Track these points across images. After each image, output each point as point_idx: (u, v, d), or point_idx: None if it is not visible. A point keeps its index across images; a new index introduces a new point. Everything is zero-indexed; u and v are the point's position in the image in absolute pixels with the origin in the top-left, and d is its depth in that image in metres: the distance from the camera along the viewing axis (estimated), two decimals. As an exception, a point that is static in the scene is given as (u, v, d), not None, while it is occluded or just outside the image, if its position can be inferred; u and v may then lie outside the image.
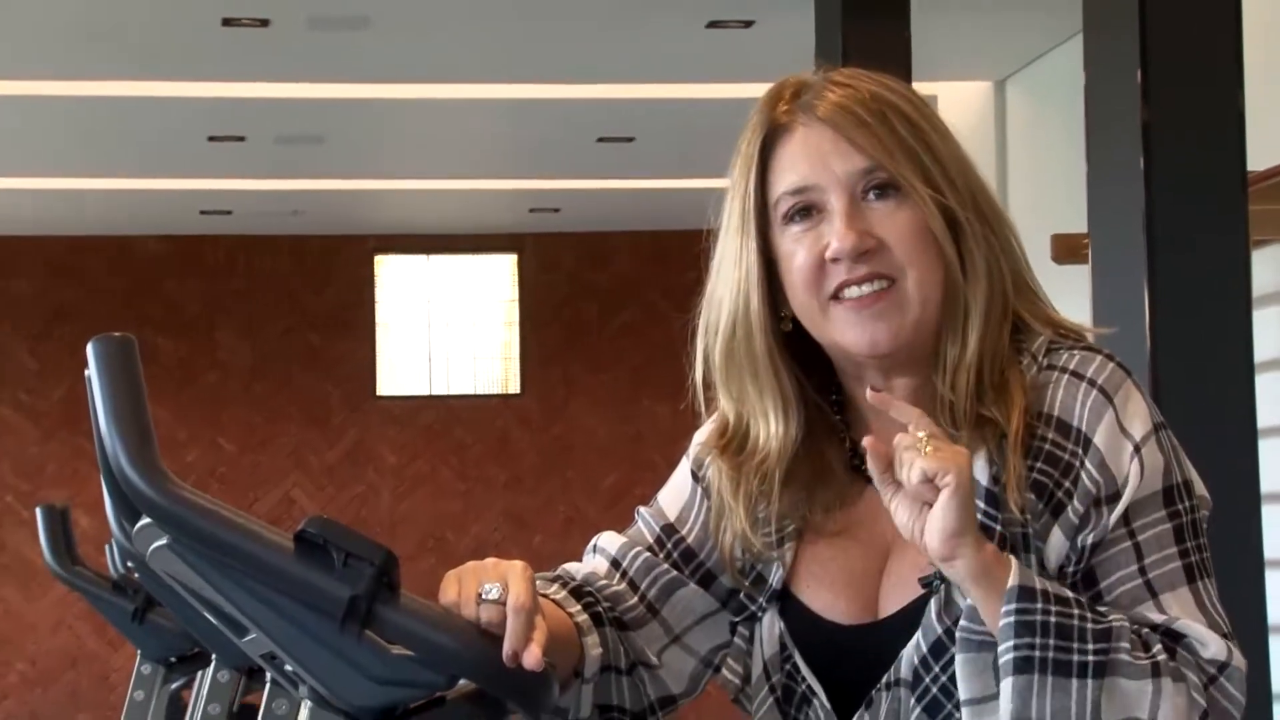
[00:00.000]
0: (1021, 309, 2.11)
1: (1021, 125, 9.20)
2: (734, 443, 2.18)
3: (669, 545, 2.25)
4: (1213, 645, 1.97)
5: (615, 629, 2.21)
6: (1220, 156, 5.41)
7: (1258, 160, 5.69)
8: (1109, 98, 5.56)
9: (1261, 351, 5.91)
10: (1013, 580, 1.89)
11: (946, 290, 2.08)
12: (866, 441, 1.93)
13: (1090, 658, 1.88)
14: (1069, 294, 2.27)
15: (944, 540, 1.87)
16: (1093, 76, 5.67)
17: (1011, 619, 1.88)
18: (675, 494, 2.28)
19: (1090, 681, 1.88)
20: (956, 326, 2.09)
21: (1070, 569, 2.01)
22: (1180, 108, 5.40)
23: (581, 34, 8.57)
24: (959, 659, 1.95)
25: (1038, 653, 1.87)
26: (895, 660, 2.05)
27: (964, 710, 1.95)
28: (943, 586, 2.02)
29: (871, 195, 2.09)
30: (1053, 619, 1.88)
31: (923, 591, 2.04)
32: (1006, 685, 1.88)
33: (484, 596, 1.95)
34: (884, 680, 2.06)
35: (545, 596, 2.12)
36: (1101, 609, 1.95)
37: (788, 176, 2.10)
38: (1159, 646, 1.93)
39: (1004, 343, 2.08)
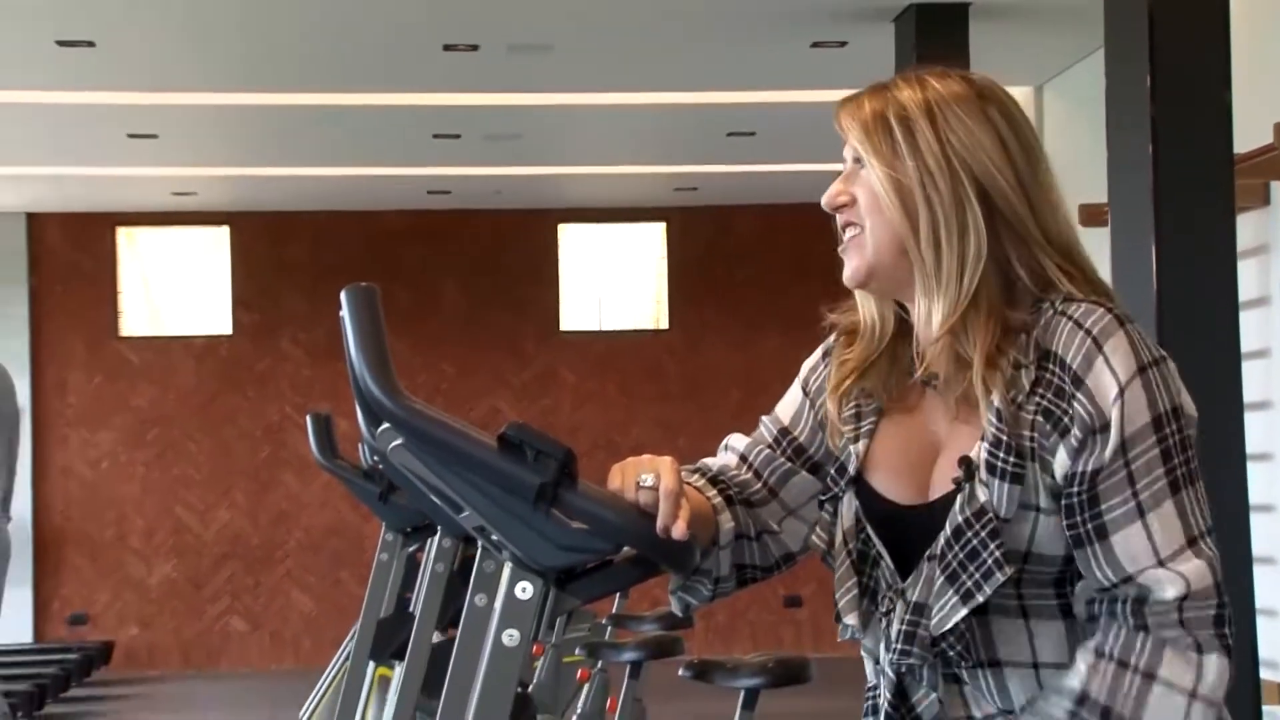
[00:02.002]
0: (1052, 265, 2.04)
1: (1056, 121, 9.10)
2: (844, 335, 2.19)
3: (784, 443, 2.24)
4: (1169, 586, 1.93)
5: (744, 507, 2.20)
6: (1212, 142, 5.37)
7: (1241, 145, 5.64)
8: (1125, 98, 5.50)
9: (1245, 293, 5.90)
10: None
11: (903, 245, 2.06)
12: None
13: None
14: (1092, 251, 2.21)
15: None
16: (1112, 82, 5.62)
17: None
18: (789, 405, 2.26)
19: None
20: (925, 273, 2.05)
21: (1074, 490, 1.97)
22: (1181, 105, 5.35)
23: (714, 53, 8.52)
24: None
25: None
26: (936, 537, 2.03)
27: None
28: (967, 485, 2.00)
29: (859, 165, 2.09)
30: None
31: None
32: None
33: (641, 484, 1.96)
34: (927, 553, 2.03)
35: (689, 484, 2.11)
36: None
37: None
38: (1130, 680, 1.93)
39: (985, 289, 2.03)
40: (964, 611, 1.99)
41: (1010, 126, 2.07)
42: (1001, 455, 1.99)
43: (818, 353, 2.25)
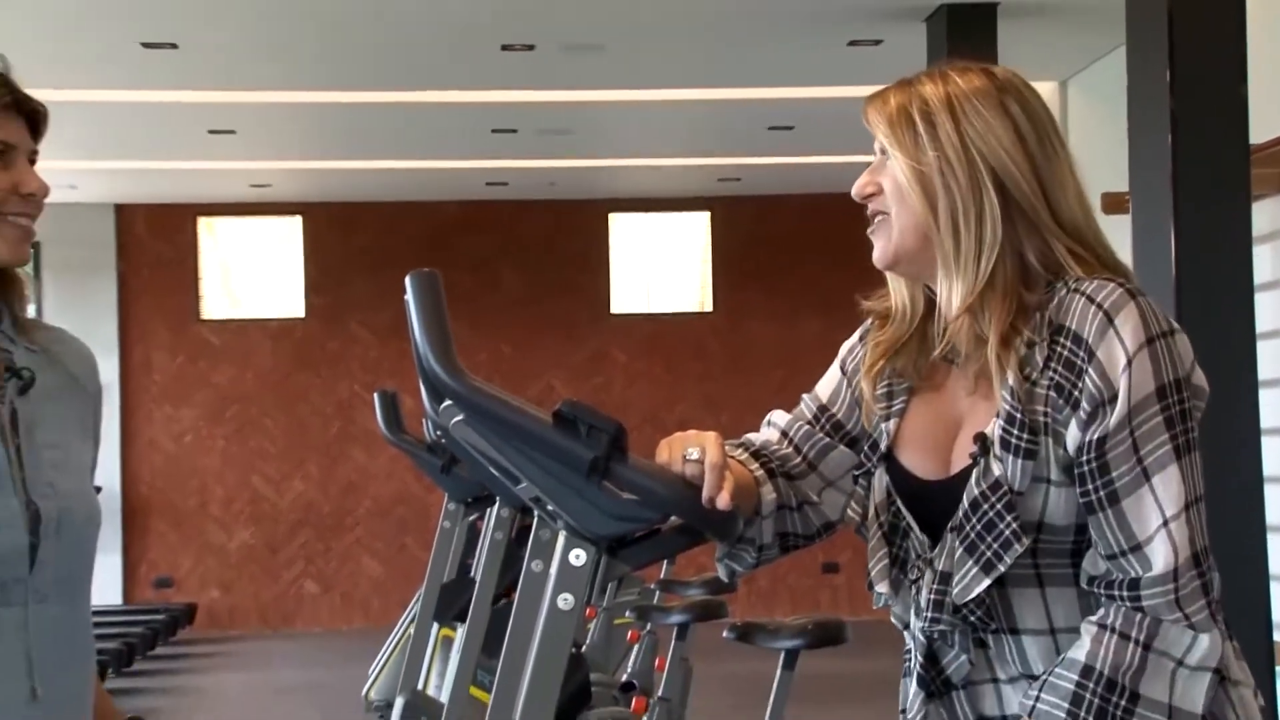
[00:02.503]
0: (1061, 249, 2.03)
1: (1080, 114, 9.02)
2: (878, 319, 2.19)
3: (823, 420, 2.23)
4: (1159, 561, 1.92)
5: (785, 479, 2.20)
6: (1228, 134, 5.33)
7: (1257, 136, 5.59)
8: (1146, 92, 5.46)
9: (1260, 277, 5.85)
10: None
11: (926, 231, 2.06)
12: None
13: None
14: (1113, 238, 2.19)
15: None
16: (1133, 77, 5.57)
17: None
18: (828, 384, 2.26)
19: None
20: (945, 257, 2.05)
21: (1085, 459, 1.95)
22: (1198, 99, 5.31)
23: (755, 52, 8.49)
24: None
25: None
26: (957, 509, 2.02)
27: None
28: (982, 460, 2.00)
29: (886, 156, 2.09)
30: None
31: None
32: None
33: (688, 457, 1.95)
34: (949, 524, 2.03)
35: (732, 458, 2.11)
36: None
37: None
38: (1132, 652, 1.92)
39: (1001, 271, 2.02)
40: (986, 582, 1.99)
41: (1028, 117, 2.06)
42: (1015, 431, 1.98)
43: (855, 335, 2.25)
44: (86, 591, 1.97)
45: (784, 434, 2.24)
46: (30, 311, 2.05)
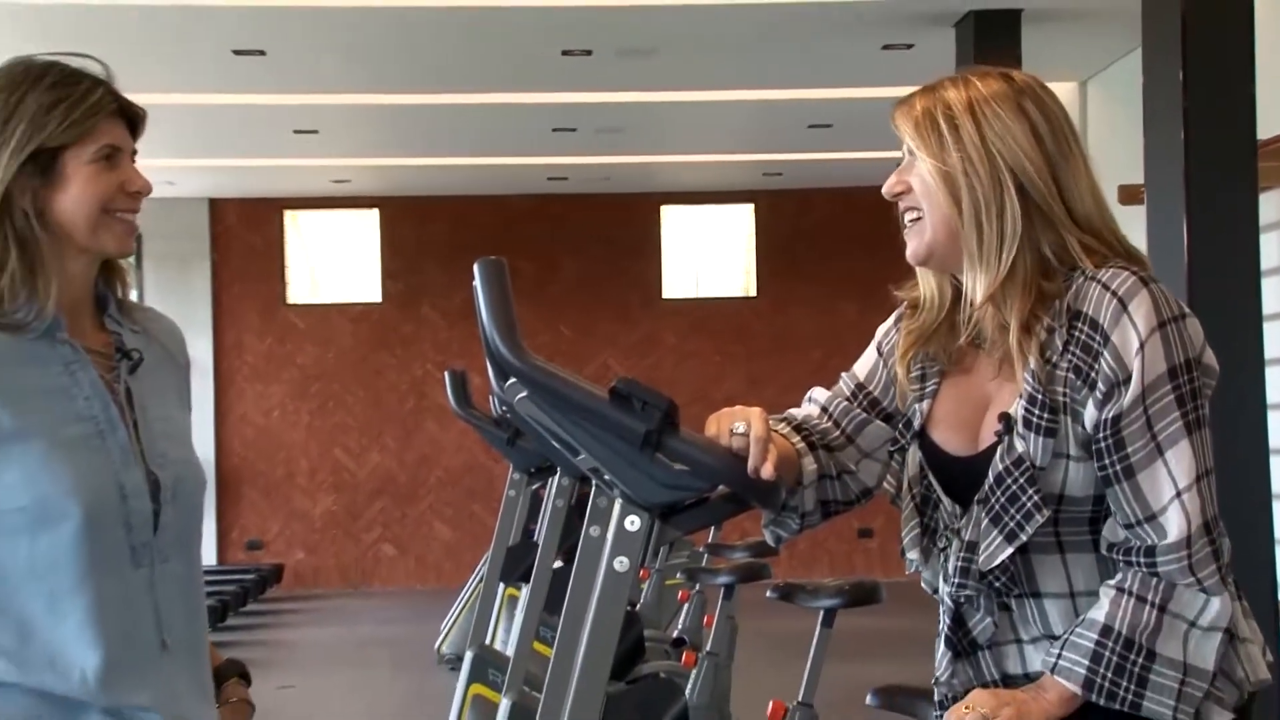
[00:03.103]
0: (1074, 242, 2.02)
1: (1098, 112, 8.94)
2: (910, 306, 2.18)
3: (860, 396, 2.23)
4: (1173, 530, 1.91)
5: (825, 451, 2.20)
6: (1237, 130, 5.30)
7: (1264, 131, 5.56)
8: (1160, 91, 5.42)
9: (1266, 263, 5.82)
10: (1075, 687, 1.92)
11: (953, 226, 2.04)
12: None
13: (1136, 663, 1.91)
14: (1129, 227, 2.17)
15: None
16: (1149, 77, 5.53)
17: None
18: (865, 363, 2.25)
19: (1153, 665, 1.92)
20: (970, 250, 2.04)
21: (1102, 436, 1.95)
22: (1210, 97, 5.28)
23: (796, 56, 8.46)
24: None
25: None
26: (983, 483, 2.02)
27: None
28: (1006, 437, 1.99)
29: (914, 157, 2.07)
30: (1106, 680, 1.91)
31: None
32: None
33: (734, 431, 1.95)
34: (976, 496, 2.03)
35: (776, 431, 2.12)
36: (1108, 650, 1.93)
37: None
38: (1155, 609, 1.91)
39: (1021, 262, 2.01)
40: (1009, 550, 1.99)
41: (1044, 118, 2.04)
42: (1036, 411, 1.98)
43: (891, 319, 2.25)
44: (198, 550, 2.01)
45: (824, 409, 2.24)
46: (132, 296, 2.08)
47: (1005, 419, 2.00)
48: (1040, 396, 1.98)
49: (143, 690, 1.87)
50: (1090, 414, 1.96)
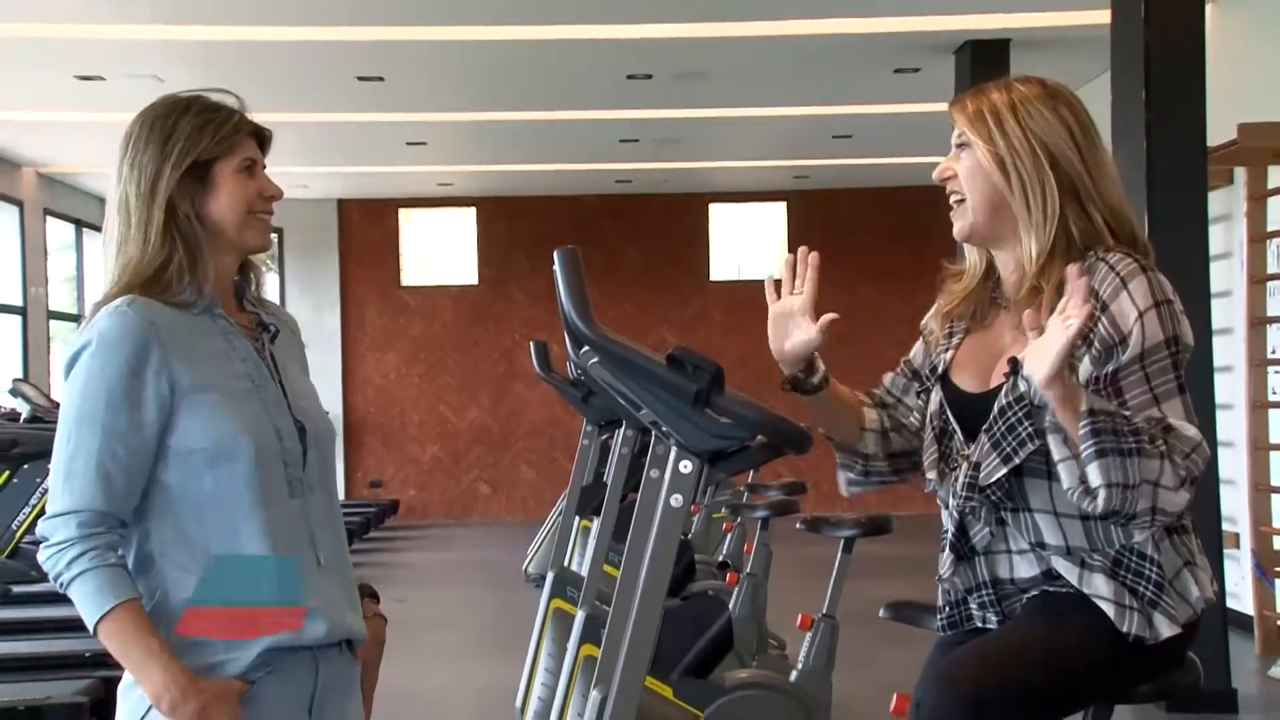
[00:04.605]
0: (1099, 219, 2.03)
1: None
2: (952, 277, 2.20)
3: (905, 370, 2.28)
4: (1190, 431, 1.90)
5: (883, 409, 2.26)
6: (1191, 139, 5.30)
7: (1214, 139, 5.53)
8: (1126, 107, 5.38)
9: (1214, 249, 5.86)
10: (1084, 405, 1.82)
11: (1001, 206, 2.04)
12: (1026, 315, 1.85)
13: (1131, 444, 1.81)
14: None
15: (1048, 378, 1.80)
16: (1116, 95, 5.51)
17: (1088, 428, 1.81)
18: (915, 348, 2.30)
19: (1132, 459, 1.81)
20: (1015, 227, 2.05)
21: (1099, 389, 1.93)
22: (1168, 111, 5.28)
23: (822, 78, 8.40)
24: (1051, 439, 1.90)
25: (1106, 443, 1.80)
26: (989, 414, 2.03)
27: (1059, 466, 1.88)
28: (1011, 378, 2.00)
29: (960, 148, 2.08)
30: (1108, 425, 1.81)
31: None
32: (1092, 468, 1.81)
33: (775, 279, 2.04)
34: (984, 426, 2.04)
35: (844, 389, 2.21)
36: (1127, 412, 1.87)
37: None
38: (1161, 440, 1.85)
39: (1059, 240, 2.01)
40: (1005, 470, 2.00)
41: (1074, 116, 2.07)
42: None
43: (929, 313, 2.27)
44: (335, 486, 2.05)
45: (886, 385, 2.30)
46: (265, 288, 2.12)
47: (1013, 362, 2.01)
48: None
49: (311, 596, 1.90)
50: (1085, 367, 1.95)
